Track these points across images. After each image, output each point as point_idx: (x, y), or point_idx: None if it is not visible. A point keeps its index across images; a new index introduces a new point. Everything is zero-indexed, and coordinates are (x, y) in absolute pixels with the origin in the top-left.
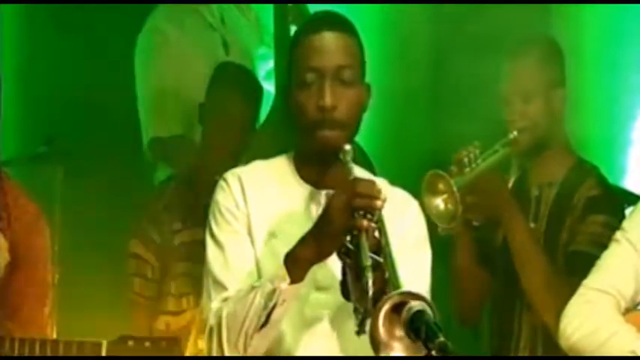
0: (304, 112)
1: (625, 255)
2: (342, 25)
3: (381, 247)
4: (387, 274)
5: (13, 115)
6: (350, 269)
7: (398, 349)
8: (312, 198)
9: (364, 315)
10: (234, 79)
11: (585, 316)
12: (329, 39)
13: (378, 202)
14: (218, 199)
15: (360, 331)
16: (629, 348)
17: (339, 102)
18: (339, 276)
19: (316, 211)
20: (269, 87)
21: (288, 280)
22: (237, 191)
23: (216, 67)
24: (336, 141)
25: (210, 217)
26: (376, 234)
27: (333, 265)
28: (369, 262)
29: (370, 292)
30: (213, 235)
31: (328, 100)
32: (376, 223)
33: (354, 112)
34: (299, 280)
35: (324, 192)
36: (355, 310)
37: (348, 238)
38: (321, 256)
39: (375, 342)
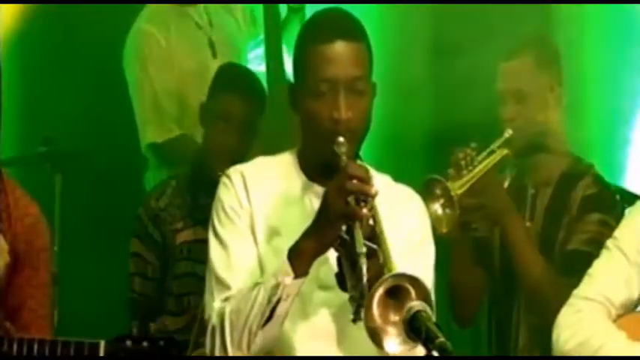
0: (317, 121)
1: (616, 263)
2: (353, 31)
3: (375, 235)
4: (381, 260)
5: (13, 115)
6: (345, 259)
7: (392, 334)
8: (316, 196)
9: (359, 302)
10: (238, 82)
11: (576, 325)
12: (342, 49)
13: (371, 188)
14: (221, 196)
15: (355, 319)
16: (621, 355)
17: (353, 113)
18: None
19: None
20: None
21: (292, 274)
22: (240, 189)
23: (219, 68)
24: (350, 151)
25: (214, 215)
26: (370, 222)
27: (335, 263)
28: (363, 249)
29: (365, 279)
30: (216, 234)
31: (344, 113)
32: (370, 210)
33: (366, 120)
34: (303, 274)
35: None
36: (351, 299)
37: (344, 228)
38: (322, 246)
39: (369, 327)
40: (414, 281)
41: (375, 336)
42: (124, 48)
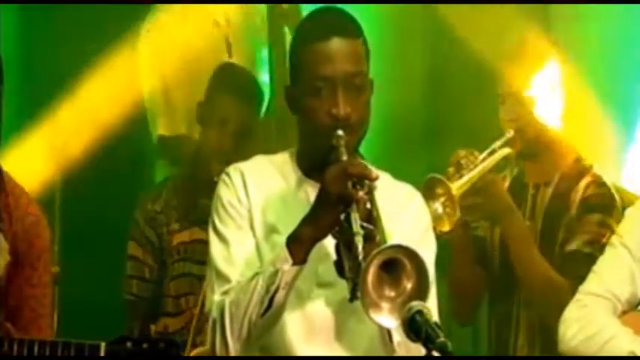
0: (316, 118)
1: (620, 259)
2: (348, 28)
3: (372, 218)
4: (378, 240)
5: (13, 115)
6: (343, 245)
7: (386, 310)
8: (313, 191)
9: (355, 281)
10: (236, 82)
11: (583, 321)
12: (338, 46)
13: (372, 173)
14: (221, 193)
15: (352, 298)
16: (627, 350)
17: (352, 109)
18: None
19: None
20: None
21: (290, 260)
22: (239, 186)
23: (218, 67)
24: (350, 145)
25: (213, 212)
26: (368, 205)
27: (334, 255)
28: (360, 230)
29: (361, 257)
30: (216, 230)
31: (342, 109)
32: (367, 194)
33: (365, 116)
34: (301, 261)
35: None
36: (347, 280)
37: (342, 217)
38: (320, 232)
39: (364, 301)
40: (410, 254)
41: (369, 310)
42: (139, 39)
